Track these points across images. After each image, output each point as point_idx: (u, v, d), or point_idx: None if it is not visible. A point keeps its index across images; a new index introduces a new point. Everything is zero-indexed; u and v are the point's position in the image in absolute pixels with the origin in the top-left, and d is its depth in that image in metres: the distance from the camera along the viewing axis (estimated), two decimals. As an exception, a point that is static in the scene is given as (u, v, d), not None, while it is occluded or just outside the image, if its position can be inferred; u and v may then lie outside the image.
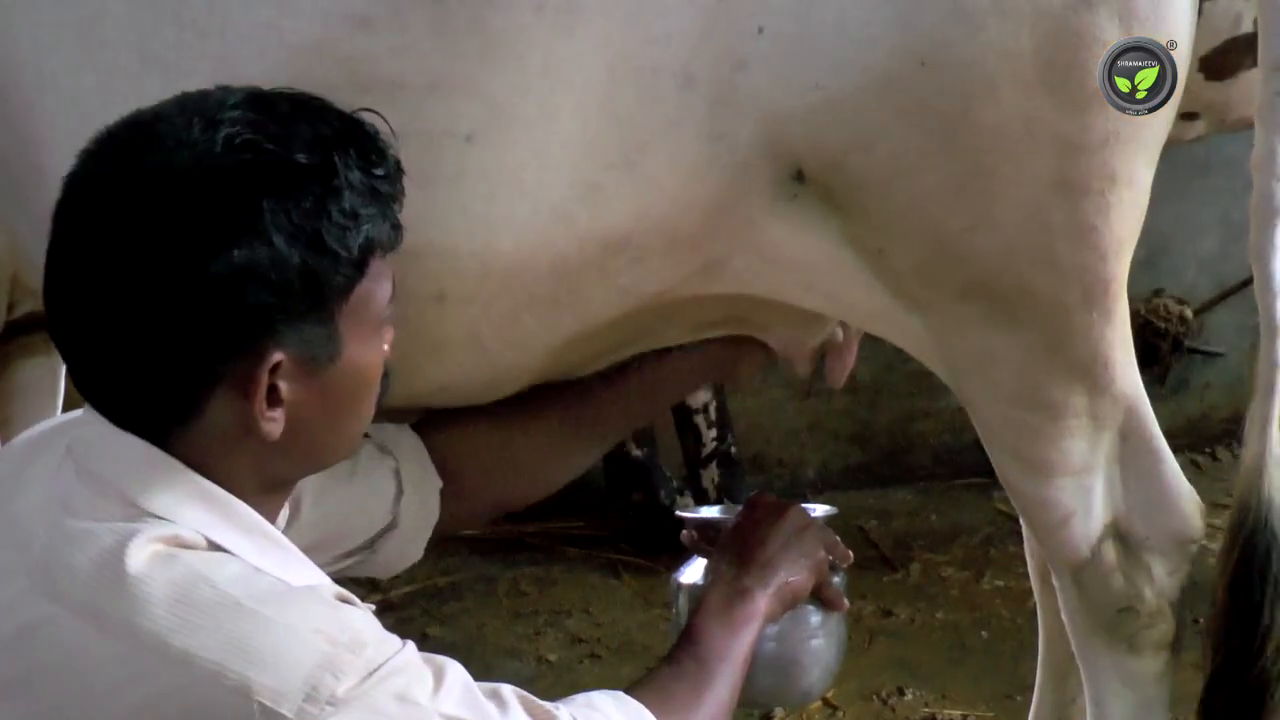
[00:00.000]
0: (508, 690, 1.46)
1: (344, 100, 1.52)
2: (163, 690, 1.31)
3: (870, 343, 2.09)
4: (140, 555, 1.34)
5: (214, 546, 1.38)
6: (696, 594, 1.91)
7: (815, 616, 1.93)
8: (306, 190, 1.38)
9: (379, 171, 1.44)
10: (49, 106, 1.74)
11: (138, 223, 1.36)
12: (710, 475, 4.03)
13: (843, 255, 1.79)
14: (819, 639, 1.95)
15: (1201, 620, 2.47)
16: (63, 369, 2.25)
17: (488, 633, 3.66)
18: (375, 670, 1.34)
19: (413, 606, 3.77)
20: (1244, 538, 1.93)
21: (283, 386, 1.40)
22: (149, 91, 1.65)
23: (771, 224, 1.76)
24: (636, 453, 4.04)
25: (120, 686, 1.31)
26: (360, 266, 1.43)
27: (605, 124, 1.67)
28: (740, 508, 2.03)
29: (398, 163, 1.48)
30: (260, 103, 1.42)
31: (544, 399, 1.98)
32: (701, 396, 3.95)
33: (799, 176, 1.73)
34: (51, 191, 1.76)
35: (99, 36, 1.70)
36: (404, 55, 1.64)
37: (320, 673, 1.30)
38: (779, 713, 3.23)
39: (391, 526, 1.88)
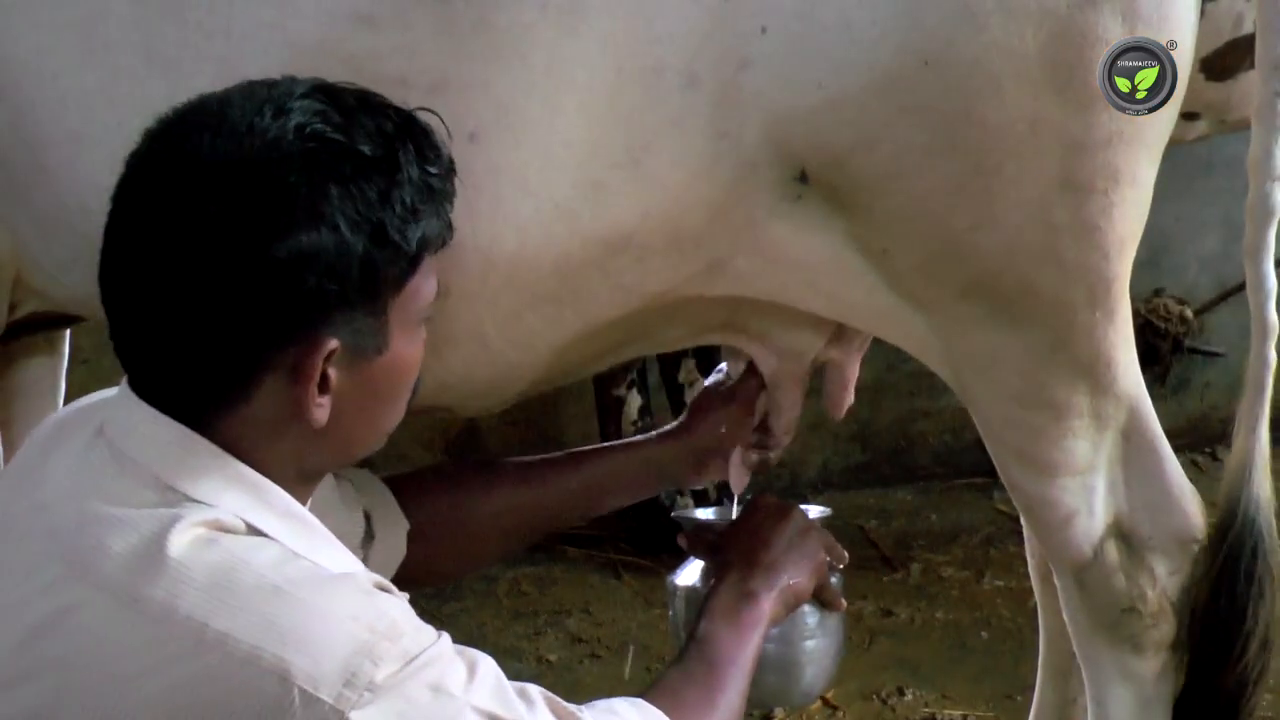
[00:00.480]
0: (535, 690, 1.48)
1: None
2: (199, 672, 1.31)
3: (871, 343, 2.09)
4: (182, 539, 1.35)
5: (253, 530, 1.40)
6: (693, 596, 1.92)
7: (814, 617, 1.94)
8: (372, 181, 1.41)
9: (434, 169, 1.47)
10: (51, 106, 1.74)
11: (204, 204, 1.37)
12: (710, 475, 4.02)
13: (846, 255, 1.79)
14: (818, 639, 1.96)
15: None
16: (63, 369, 2.25)
17: (488, 633, 3.66)
18: (413, 660, 1.35)
19: (413, 606, 3.76)
20: (1230, 538, 1.94)
21: (332, 375, 1.42)
22: (152, 91, 1.65)
23: (775, 224, 1.76)
24: (637, 453, 4.03)
25: (157, 668, 1.32)
26: (415, 261, 1.46)
27: (609, 123, 1.67)
28: (735, 509, 2.04)
29: (451, 161, 1.51)
30: (327, 94, 1.45)
31: (500, 471, 2.01)
32: (702, 396, 3.94)
33: (802, 176, 1.73)
34: (53, 192, 1.77)
35: (102, 36, 1.70)
36: (408, 54, 1.64)
37: (359, 659, 1.31)
38: (779, 713, 3.23)
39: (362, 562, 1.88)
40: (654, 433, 2.12)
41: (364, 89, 1.49)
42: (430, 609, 3.77)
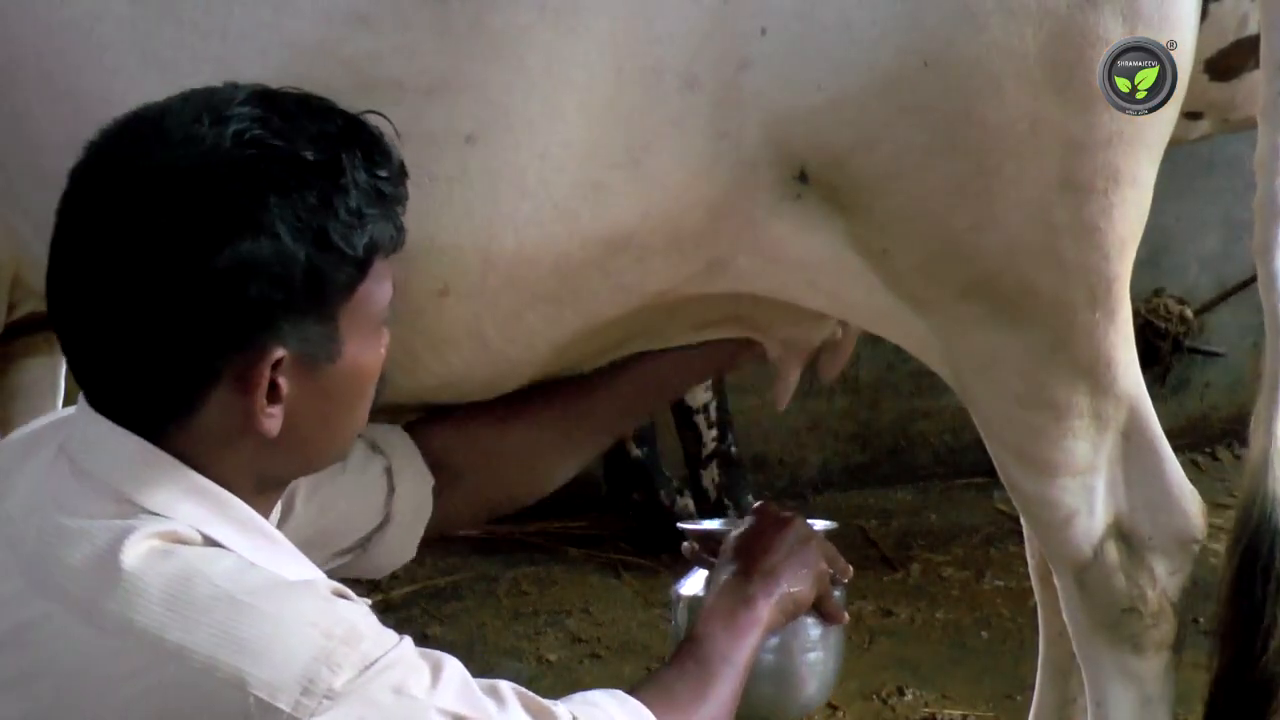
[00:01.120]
0: (506, 686, 1.46)
1: (346, 100, 1.53)
2: (158, 685, 1.31)
3: (871, 342, 2.10)
4: (136, 551, 1.34)
5: (209, 541, 1.39)
6: (697, 605, 1.92)
7: (815, 630, 1.93)
8: (313, 187, 1.39)
9: (383, 173, 1.45)
10: (49, 107, 1.74)
11: (144, 216, 1.36)
12: (710, 475, 4.03)
13: (846, 255, 1.79)
14: (818, 652, 1.95)
15: (1202, 620, 2.47)
16: (63, 369, 2.25)
17: (488, 633, 3.66)
18: (372, 664, 1.34)
19: (413, 606, 3.76)
20: (1248, 535, 1.93)
21: (282, 384, 1.41)
22: (149, 91, 1.65)
23: (775, 223, 1.75)
24: (636, 453, 4.03)
25: (117, 682, 1.32)
26: (364, 266, 1.44)
27: (608, 124, 1.67)
28: (741, 519, 2.03)
29: (402, 165, 1.49)
30: (268, 100, 1.43)
31: (540, 396, 1.97)
32: (701, 396, 3.95)
33: (802, 176, 1.73)
34: (52, 192, 1.76)
35: (99, 36, 1.70)
36: (405, 55, 1.63)
37: (316, 666, 1.31)
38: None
39: (384, 525, 1.87)
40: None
41: (308, 94, 1.47)
42: (430, 609, 3.77)
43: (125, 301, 1.37)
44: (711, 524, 2.15)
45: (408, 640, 1.41)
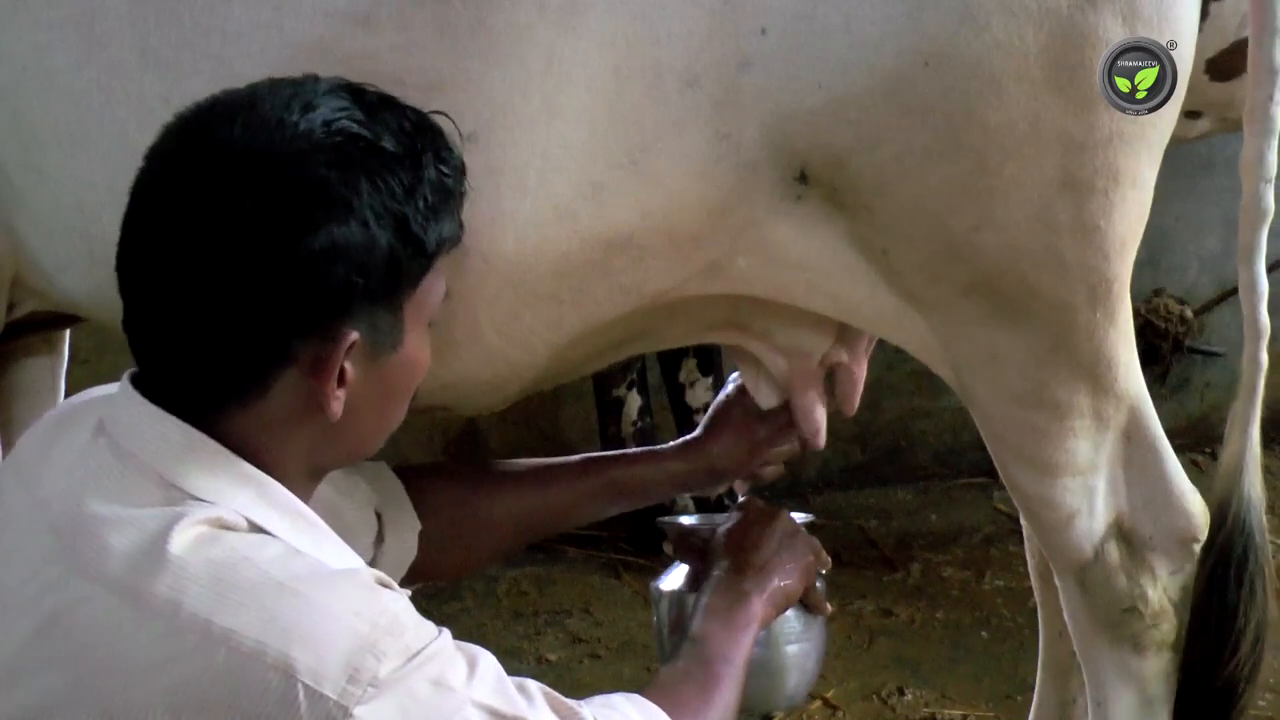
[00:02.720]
0: (534, 686, 1.48)
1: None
2: (204, 669, 1.32)
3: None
4: (183, 536, 1.35)
5: (255, 528, 1.40)
6: (678, 600, 1.94)
7: (799, 621, 1.95)
8: (397, 177, 1.42)
9: (447, 169, 1.49)
10: (48, 105, 1.74)
11: (235, 196, 1.38)
12: (710, 475, 4.02)
13: (847, 255, 1.79)
14: (802, 643, 1.97)
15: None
16: (63, 369, 2.25)
17: (488, 633, 3.66)
18: (415, 655, 1.35)
19: (412, 605, 3.76)
20: (1222, 538, 1.95)
21: (349, 369, 1.43)
22: (148, 90, 1.65)
23: (775, 224, 1.75)
24: (636, 452, 4.03)
25: (161, 665, 1.32)
26: (433, 259, 1.48)
27: (608, 124, 1.67)
28: (719, 516, 2.04)
29: (462, 163, 1.53)
30: (351, 92, 1.47)
31: (512, 472, 2.02)
32: (701, 396, 3.95)
33: (803, 177, 1.73)
34: (50, 191, 1.76)
35: (99, 34, 1.70)
36: (405, 54, 1.63)
37: (362, 655, 1.32)
38: (779, 712, 3.23)
39: (371, 562, 1.88)
40: (673, 444, 2.12)
41: (381, 90, 1.50)
42: (430, 609, 3.74)
43: (210, 281, 1.38)
44: (690, 520, 2.16)
45: (446, 632, 1.42)
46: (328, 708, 1.30)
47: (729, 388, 2.12)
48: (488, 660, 1.44)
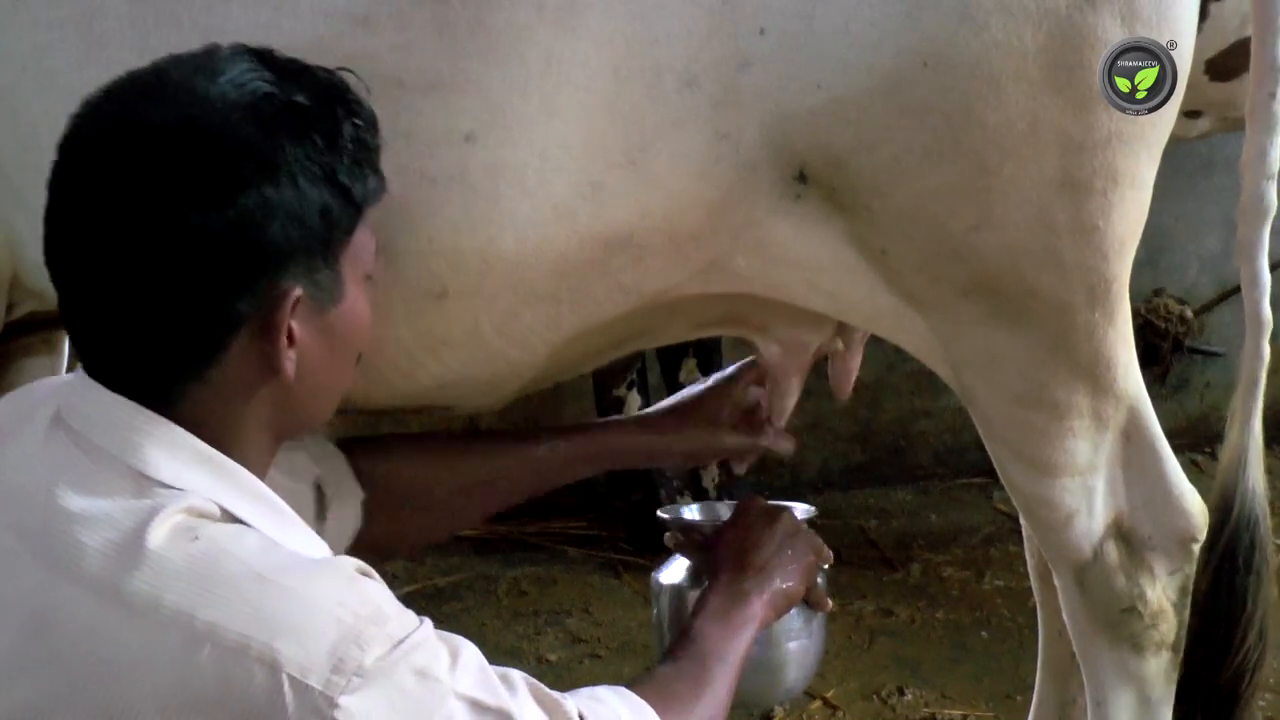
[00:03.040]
0: (517, 676, 1.47)
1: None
2: (189, 666, 1.30)
3: (871, 342, 2.10)
4: (161, 530, 1.34)
5: (227, 515, 1.40)
6: (678, 594, 1.94)
7: (799, 619, 1.95)
8: (318, 131, 1.43)
9: (360, 122, 1.49)
10: (47, 105, 1.74)
11: (155, 168, 1.38)
12: (710, 475, 4.03)
13: (846, 255, 1.79)
14: (802, 640, 1.97)
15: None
16: (63, 369, 2.25)
17: (488, 633, 3.66)
18: (398, 644, 1.34)
19: (412, 606, 3.73)
20: (1226, 532, 1.95)
21: (296, 326, 1.43)
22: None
23: (775, 223, 1.75)
24: (637, 453, 4.03)
25: (145, 663, 1.31)
26: (361, 210, 1.48)
27: (608, 124, 1.67)
28: (721, 508, 2.05)
29: (374, 116, 1.52)
30: (255, 55, 1.47)
31: (473, 441, 2.03)
32: (701, 396, 3.94)
33: (802, 176, 1.73)
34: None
35: (99, 35, 1.70)
36: (404, 54, 1.63)
37: (346, 644, 1.31)
38: (779, 712, 3.23)
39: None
40: (647, 414, 2.12)
41: (283, 53, 1.50)
42: (430, 609, 3.76)
43: (145, 257, 1.38)
44: (692, 514, 2.16)
45: (428, 622, 1.41)
46: (314, 699, 1.29)
47: (716, 377, 2.12)
48: (470, 650, 1.43)
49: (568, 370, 1.97)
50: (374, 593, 1.38)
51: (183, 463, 1.41)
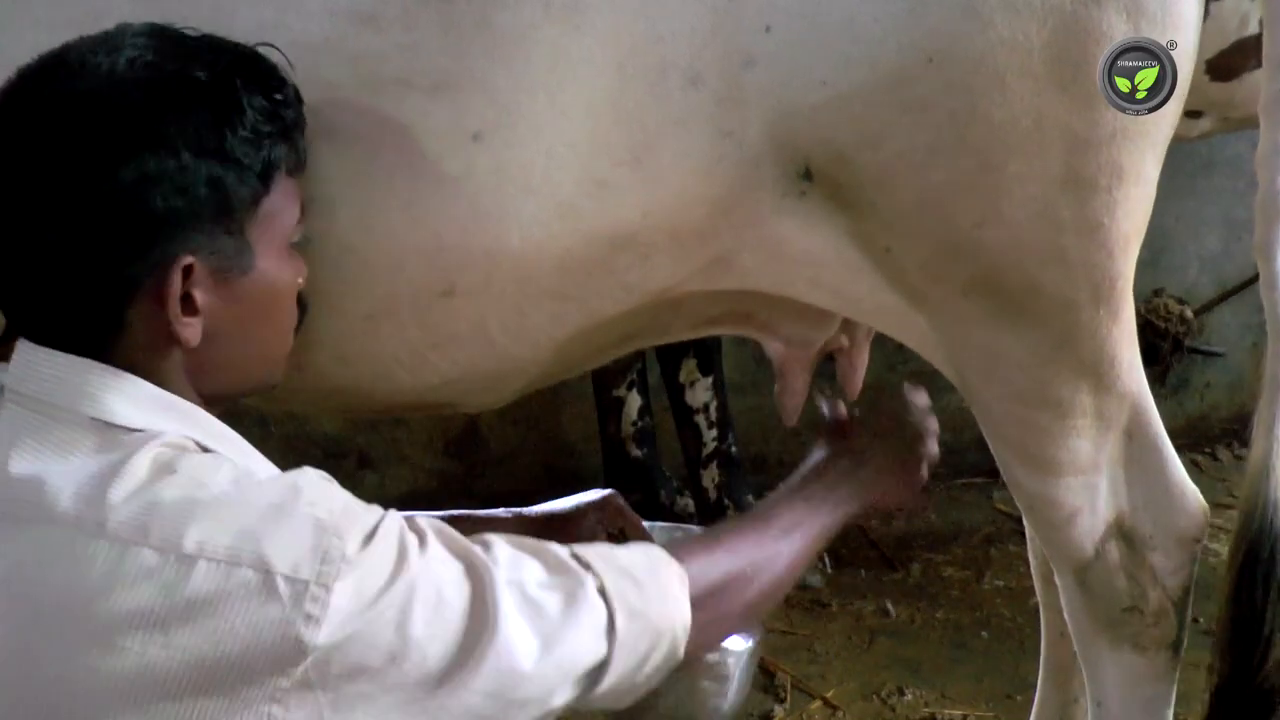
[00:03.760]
0: (492, 536, 1.51)
1: (351, 100, 1.54)
2: (181, 584, 1.34)
3: (871, 342, 2.09)
4: (141, 464, 1.39)
5: (200, 447, 1.45)
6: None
7: (731, 655, 1.89)
8: (208, 104, 1.47)
9: (278, 96, 1.53)
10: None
11: (47, 139, 1.43)
12: (710, 475, 4.03)
13: (850, 252, 1.79)
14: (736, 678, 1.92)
15: (1202, 620, 2.47)
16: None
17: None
18: (371, 534, 1.41)
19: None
20: (1249, 540, 1.93)
21: (197, 295, 1.47)
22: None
23: (779, 220, 1.76)
24: (636, 453, 4.03)
25: (130, 586, 1.34)
26: (265, 180, 1.51)
27: (613, 122, 1.67)
28: (689, 527, 2.06)
29: (296, 91, 1.56)
30: (162, 33, 1.52)
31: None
32: (702, 396, 3.95)
33: (807, 173, 1.73)
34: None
35: (102, 35, 1.70)
36: (410, 53, 1.64)
37: (327, 537, 1.37)
38: (779, 712, 3.24)
39: None
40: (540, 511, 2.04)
41: (206, 32, 1.54)
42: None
43: (40, 226, 1.43)
44: (661, 528, 2.11)
45: (393, 512, 1.47)
46: (310, 590, 1.35)
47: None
48: (436, 526, 1.49)
49: (572, 368, 1.98)
50: (340, 493, 1.44)
51: (146, 409, 1.45)
